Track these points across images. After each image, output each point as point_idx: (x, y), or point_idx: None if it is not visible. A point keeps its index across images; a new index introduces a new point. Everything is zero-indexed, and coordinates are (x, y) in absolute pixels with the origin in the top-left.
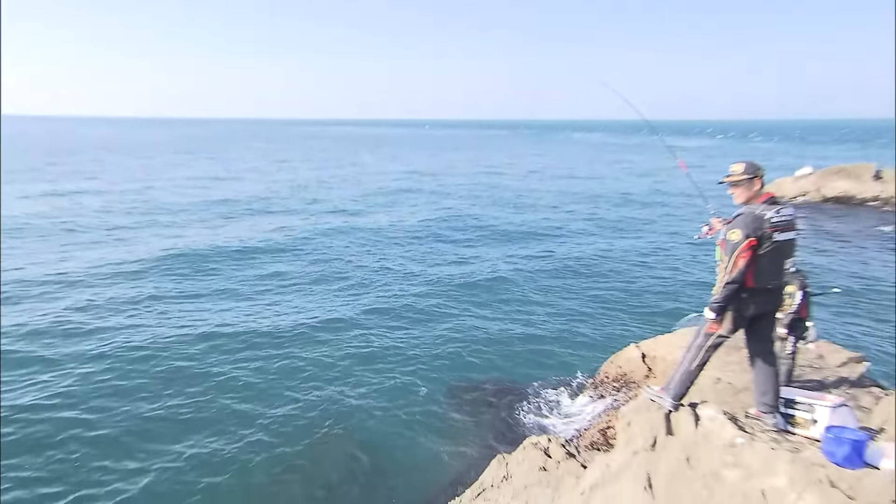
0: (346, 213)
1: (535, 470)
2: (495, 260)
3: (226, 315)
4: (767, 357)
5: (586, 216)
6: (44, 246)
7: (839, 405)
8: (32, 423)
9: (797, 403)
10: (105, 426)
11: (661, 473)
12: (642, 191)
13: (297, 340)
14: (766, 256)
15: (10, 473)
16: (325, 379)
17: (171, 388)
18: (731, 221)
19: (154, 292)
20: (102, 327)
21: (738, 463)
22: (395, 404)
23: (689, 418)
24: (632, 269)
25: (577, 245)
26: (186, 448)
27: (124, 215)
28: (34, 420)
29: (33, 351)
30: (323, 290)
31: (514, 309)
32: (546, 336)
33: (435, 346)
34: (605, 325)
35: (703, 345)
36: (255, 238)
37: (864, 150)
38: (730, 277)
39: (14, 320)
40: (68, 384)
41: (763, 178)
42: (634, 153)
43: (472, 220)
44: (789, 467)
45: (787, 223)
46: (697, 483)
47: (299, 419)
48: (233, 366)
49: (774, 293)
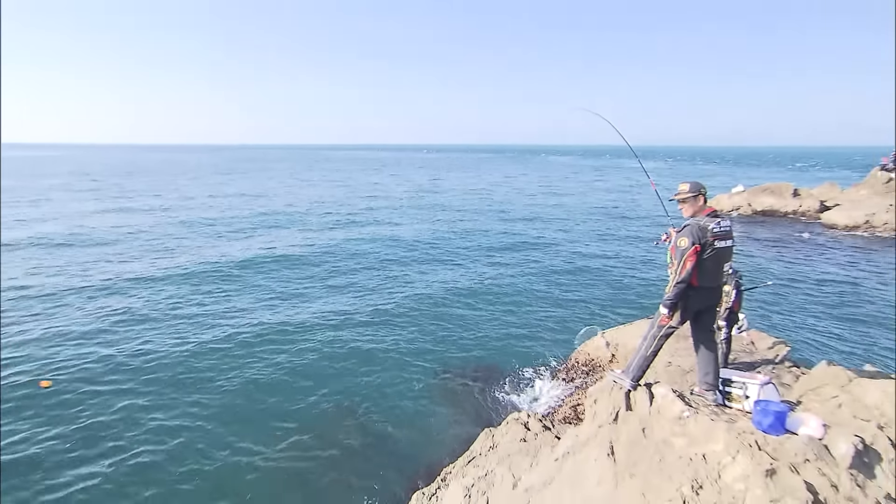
0: (356, 224)
1: (516, 441)
2: (482, 264)
3: (274, 313)
4: (709, 344)
5: (561, 225)
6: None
7: (766, 383)
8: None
9: (732, 382)
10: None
11: (621, 442)
12: (609, 204)
13: (308, 337)
14: (708, 260)
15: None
16: (337, 368)
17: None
18: (680, 231)
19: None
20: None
21: (684, 432)
22: (398, 387)
23: (645, 396)
24: (599, 270)
25: (553, 250)
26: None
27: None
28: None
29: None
30: (338, 290)
31: (499, 306)
32: (526, 328)
33: (430, 338)
34: (576, 318)
35: (657, 334)
36: (280, 247)
37: (783, 172)
38: (679, 278)
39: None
40: (130, 360)
41: (706, 195)
42: (601, 173)
43: (467, 230)
44: (726, 435)
45: (725, 233)
46: (651, 449)
47: (316, 403)
48: (267, 354)
49: (715, 291)
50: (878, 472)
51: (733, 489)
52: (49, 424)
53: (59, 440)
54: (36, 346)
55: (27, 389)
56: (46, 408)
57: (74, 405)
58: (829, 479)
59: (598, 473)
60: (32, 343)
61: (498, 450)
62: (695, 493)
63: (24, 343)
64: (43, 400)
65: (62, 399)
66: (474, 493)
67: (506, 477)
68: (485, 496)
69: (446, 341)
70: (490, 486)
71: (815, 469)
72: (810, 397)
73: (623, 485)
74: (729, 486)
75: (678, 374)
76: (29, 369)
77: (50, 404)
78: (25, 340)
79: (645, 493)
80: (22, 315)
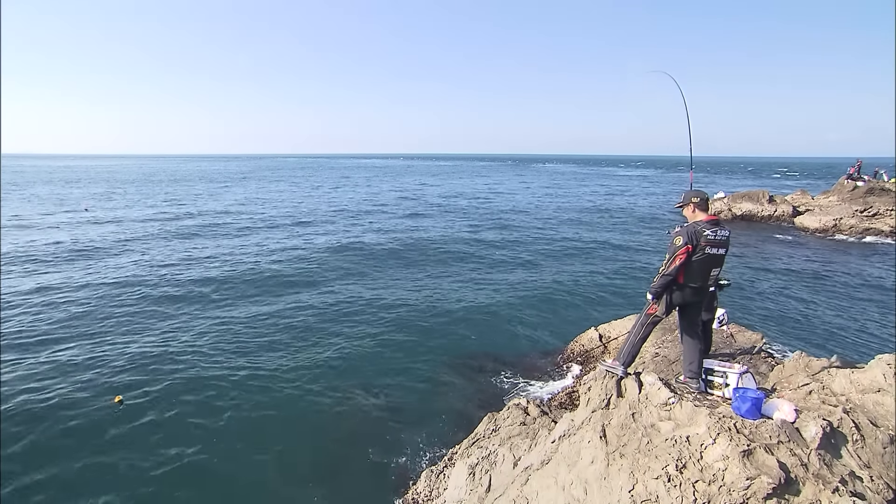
0: (364, 227)
1: (517, 424)
2: (485, 263)
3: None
4: (694, 336)
5: (562, 226)
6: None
7: (744, 372)
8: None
9: (714, 371)
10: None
11: (613, 426)
12: (606, 206)
13: (323, 328)
14: (697, 262)
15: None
16: (352, 357)
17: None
18: (678, 230)
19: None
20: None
21: (670, 417)
22: (406, 376)
23: (635, 384)
24: (592, 269)
25: (551, 250)
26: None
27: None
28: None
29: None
30: (345, 284)
31: (501, 302)
32: (526, 322)
33: (437, 330)
34: (571, 313)
35: (645, 322)
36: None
37: (758, 179)
38: (666, 271)
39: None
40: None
41: (703, 203)
42: (598, 178)
43: (475, 229)
44: (707, 419)
45: (721, 242)
46: (640, 432)
47: (332, 388)
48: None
49: (700, 290)
50: (844, 453)
51: (714, 468)
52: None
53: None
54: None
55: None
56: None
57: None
58: (799, 458)
59: (591, 454)
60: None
61: (500, 432)
62: (679, 472)
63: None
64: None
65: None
66: (478, 471)
67: (507, 457)
68: (488, 474)
69: (452, 331)
70: (492, 465)
71: (787, 450)
72: (784, 385)
73: (614, 464)
74: (710, 466)
75: (664, 364)
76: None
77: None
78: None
79: (633, 472)
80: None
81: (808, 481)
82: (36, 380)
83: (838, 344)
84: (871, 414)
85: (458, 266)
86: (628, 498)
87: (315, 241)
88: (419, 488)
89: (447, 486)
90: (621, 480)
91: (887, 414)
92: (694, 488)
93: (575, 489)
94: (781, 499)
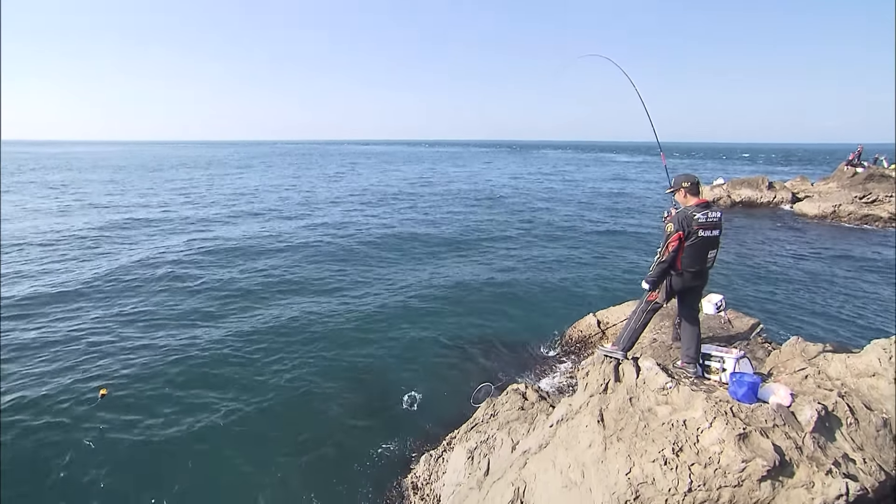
0: (373, 216)
1: (515, 409)
2: (482, 252)
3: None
4: (692, 322)
5: (560, 209)
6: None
7: (740, 357)
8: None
9: (711, 356)
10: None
11: (610, 410)
12: (604, 193)
13: (318, 313)
14: (692, 247)
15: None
16: (350, 342)
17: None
18: (669, 216)
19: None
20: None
21: (667, 401)
22: (406, 363)
23: (632, 369)
24: (590, 256)
25: (552, 235)
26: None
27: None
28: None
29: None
30: (347, 275)
31: (500, 287)
32: (524, 307)
33: (435, 314)
34: (569, 300)
35: (645, 309)
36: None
37: (756, 165)
38: (661, 259)
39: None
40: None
41: (694, 187)
42: (595, 165)
43: (482, 215)
44: (704, 403)
45: (713, 224)
46: (637, 416)
47: (331, 373)
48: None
49: (698, 275)
50: (838, 435)
51: (710, 451)
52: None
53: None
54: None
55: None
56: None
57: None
58: (794, 441)
59: (589, 437)
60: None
61: (498, 417)
62: (675, 455)
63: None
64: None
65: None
66: (477, 455)
67: (505, 441)
68: (486, 458)
69: (453, 317)
70: (491, 449)
71: (783, 433)
72: (780, 369)
73: (611, 447)
74: (706, 449)
75: (662, 349)
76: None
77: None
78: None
79: (630, 455)
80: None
81: (803, 463)
82: (23, 375)
83: (835, 330)
84: (865, 398)
85: (455, 252)
86: (625, 481)
87: (299, 232)
88: (418, 472)
89: (446, 470)
90: (618, 464)
91: (881, 398)
92: (690, 471)
93: (572, 472)
94: (776, 481)
